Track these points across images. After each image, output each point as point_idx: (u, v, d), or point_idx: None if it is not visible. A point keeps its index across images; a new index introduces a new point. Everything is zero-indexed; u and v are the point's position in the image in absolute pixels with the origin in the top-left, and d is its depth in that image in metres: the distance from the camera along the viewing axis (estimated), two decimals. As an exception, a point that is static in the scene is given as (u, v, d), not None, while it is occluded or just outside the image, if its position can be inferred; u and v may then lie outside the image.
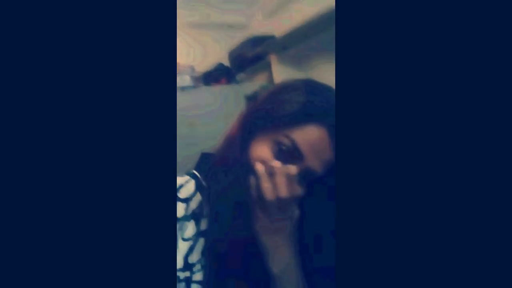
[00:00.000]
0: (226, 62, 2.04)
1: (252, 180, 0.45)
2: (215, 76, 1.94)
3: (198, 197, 0.52)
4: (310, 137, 0.45)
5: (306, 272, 0.50)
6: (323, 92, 0.48)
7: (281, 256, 0.47)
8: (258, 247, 0.47)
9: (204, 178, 0.53)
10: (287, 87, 0.50)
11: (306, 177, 0.47)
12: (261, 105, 0.51)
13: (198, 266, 0.49)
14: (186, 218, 0.51)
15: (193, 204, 0.52)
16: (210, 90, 1.87)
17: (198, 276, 0.49)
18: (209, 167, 0.52)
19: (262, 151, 0.47)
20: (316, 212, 0.51)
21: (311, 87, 0.49)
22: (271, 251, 0.47)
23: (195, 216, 0.51)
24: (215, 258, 0.48)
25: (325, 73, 1.46)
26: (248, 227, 0.47)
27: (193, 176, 0.54)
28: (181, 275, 0.48)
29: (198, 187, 0.53)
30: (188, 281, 0.48)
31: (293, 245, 0.49)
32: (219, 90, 1.86)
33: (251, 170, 0.45)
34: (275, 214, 0.45)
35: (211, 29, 2.11)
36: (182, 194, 0.52)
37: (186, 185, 0.53)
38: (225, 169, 0.48)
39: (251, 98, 1.82)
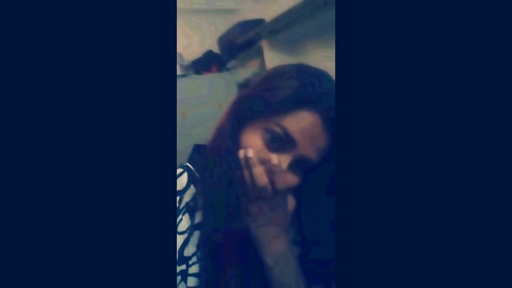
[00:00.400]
0: (216, 49, 2.00)
1: (240, 170, 0.44)
2: (205, 64, 1.91)
3: (192, 190, 0.51)
4: (303, 123, 0.44)
5: (304, 262, 0.49)
6: (317, 76, 0.47)
7: (274, 247, 0.46)
8: (251, 238, 0.46)
9: (197, 170, 0.52)
10: (280, 73, 0.49)
11: (301, 165, 0.46)
12: (253, 91, 0.49)
13: (194, 259, 0.48)
14: (180, 211, 0.50)
15: (187, 197, 0.51)
16: (200, 79, 1.84)
17: (194, 269, 0.48)
18: (202, 159, 0.51)
19: (253, 139, 0.45)
20: (315, 203, 0.50)
21: (304, 72, 0.48)
22: (264, 242, 0.46)
23: (189, 209, 0.50)
24: (211, 249, 0.48)
25: (319, 58, 1.45)
26: (242, 218, 0.46)
27: (186, 169, 0.53)
28: (177, 268, 0.47)
29: (192, 180, 0.52)
30: (184, 274, 0.48)
31: (288, 236, 0.48)
32: (210, 78, 1.83)
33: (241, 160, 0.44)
34: (266, 204, 0.44)
35: (200, 15, 2.05)
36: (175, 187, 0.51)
37: (179, 178, 0.52)
38: (218, 160, 0.47)
39: (243, 85, 1.80)
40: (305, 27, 1.47)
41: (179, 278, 0.47)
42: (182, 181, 0.51)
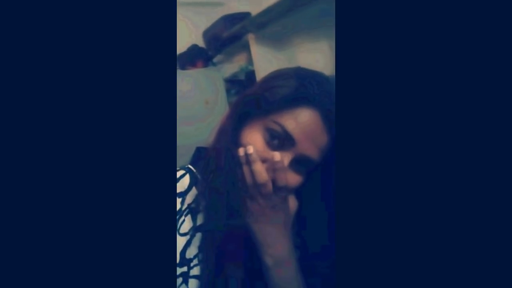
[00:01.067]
0: (201, 44, 1.96)
1: (240, 167, 0.44)
2: (190, 59, 1.87)
3: (193, 191, 0.51)
4: (302, 121, 0.45)
5: (304, 263, 0.49)
6: (315, 77, 0.48)
7: (275, 248, 0.46)
8: (252, 237, 0.46)
9: (199, 172, 0.52)
10: (279, 74, 0.50)
11: (302, 164, 0.47)
12: (253, 92, 0.50)
13: (195, 261, 0.48)
14: (182, 212, 0.49)
15: (189, 199, 0.50)
16: (186, 74, 1.81)
17: (195, 271, 0.48)
18: (204, 160, 0.51)
19: (252, 138, 0.46)
20: (315, 204, 0.51)
21: (303, 74, 0.49)
22: (264, 242, 0.46)
23: (191, 210, 0.50)
24: (212, 251, 0.47)
25: (307, 51, 1.45)
26: (243, 216, 0.46)
27: (188, 170, 0.53)
28: (178, 270, 0.47)
29: (194, 181, 0.51)
30: (186, 276, 0.47)
31: (290, 236, 0.48)
32: (196, 74, 1.80)
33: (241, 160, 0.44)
34: (266, 203, 0.44)
35: (185, 8, 2.01)
36: (177, 188, 0.51)
37: (181, 180, 0.51)
38: (220, 161, 0.47)
39: (229, 81, 1.79)
40: (292, 21, 1.46)
41: (180, 280, 0.47)
42: (184, 183, 0.51)
